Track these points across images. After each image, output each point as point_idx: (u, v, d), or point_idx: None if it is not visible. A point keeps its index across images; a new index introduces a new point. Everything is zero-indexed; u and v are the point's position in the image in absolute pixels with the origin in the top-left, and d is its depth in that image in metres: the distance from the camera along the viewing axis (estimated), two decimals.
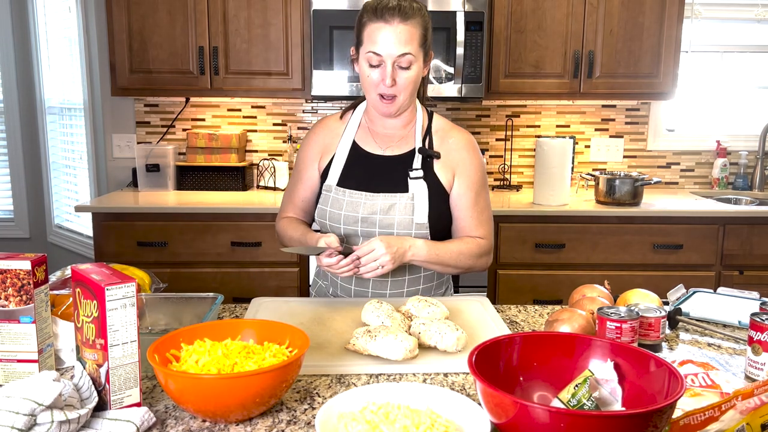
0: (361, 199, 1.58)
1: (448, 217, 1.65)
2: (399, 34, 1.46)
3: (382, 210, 1.56)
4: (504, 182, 3.50)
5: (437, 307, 1.37)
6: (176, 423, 0.98)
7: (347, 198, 1.59)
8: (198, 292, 1.39)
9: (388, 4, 1.47)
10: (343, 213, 1.59)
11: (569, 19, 3.06)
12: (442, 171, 1.61)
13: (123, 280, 0.96)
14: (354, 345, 1.23)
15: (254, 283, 2.90)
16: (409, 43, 1.47)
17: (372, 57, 1.49)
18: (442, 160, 1.61)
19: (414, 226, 1.57)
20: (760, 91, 3.60)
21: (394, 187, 1.58)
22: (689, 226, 2.93)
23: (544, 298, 2.95)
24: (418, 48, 1.50)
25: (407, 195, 1.57)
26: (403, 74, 1.50)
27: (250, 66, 3.05)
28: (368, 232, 1.58)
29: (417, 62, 1.51)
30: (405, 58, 1.48)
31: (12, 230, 3.88)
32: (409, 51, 1.47)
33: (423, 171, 1.59)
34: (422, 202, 1.57)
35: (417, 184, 1.58)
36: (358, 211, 1.57)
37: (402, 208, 1.56)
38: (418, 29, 1.49)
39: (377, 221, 1.56)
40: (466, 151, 1.63)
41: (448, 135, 1.65)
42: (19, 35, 3.71)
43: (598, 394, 0.95)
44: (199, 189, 3.27)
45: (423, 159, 1.60)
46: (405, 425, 0.87)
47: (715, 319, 1.46)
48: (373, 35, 1.48)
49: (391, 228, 1.56)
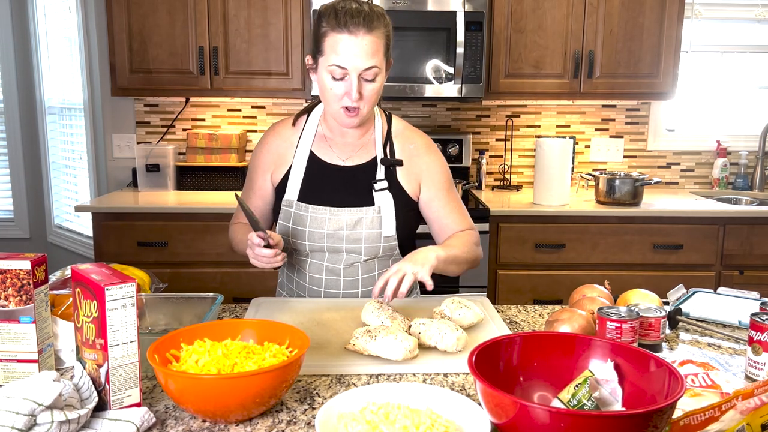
0: (326, 215, 1.54)
1: (414, 225, 1.63)
2: (365, 47, 1.39)
3: (349, 225, 1.53)
4: (504, 182, 3.50)
5: (469, 309, 1.36)
6: (176, 423, 0.98)
7: (310, 214, 1.54)
8: (198, 292, 1.39)
9: (349, 10, 1.40)
10: (307, 230, 1.54)
11: (569, 19, 3.06)
12: (406, 179, 1.59)
13: (123, 280, 0.96)
14: (354, 345, 1.23)
15: (254, 283, 2.90)
16: (375, 55, 1.41)
17: (336, 70, 1.41)
18: (405, 168, 1.59)
19: (382, 239, 1.55)
20: (760, 91, 3.60)
21: (358, 200, 1.55)
22: (689, 226, 2.93)
23: (544, 298, 2.95)
24: (382, 58, 1.44)
25: (373, 208, 1.54)
26: (368, 86, 1.44)
27: (250, 66, 3.05)
28: (335, 248, 1.55)
29: (381, 73, 1.45)
30: (371, 71, 1.42)
31: (12, 230, 3.88)
32: (375, 64, 1.41)
33: (387, 181, 1.56)
34: (389, 214, 1.54)
35: (382, 196, 1.55)
36: (324, 227, 1.53)
37: (369, 222, 1.54)
38: (383, 39, 1.43)
39: (344, 237, 1.54)
40: (428, 156, 1.60)
41: (409, 140, 1.61)
42: (19, 35, 3.71)
43: (598, 394, 0.95)
44: (199, 189, 3.27)
45: (386, 168, 1.57)
46: (405, 425, 0.87)
47: (715, 319, 1.46)
48: (336, 47, 1.40)
49: (359, 242, 1.54)
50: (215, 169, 3.26)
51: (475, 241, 1.59)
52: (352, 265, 1.59)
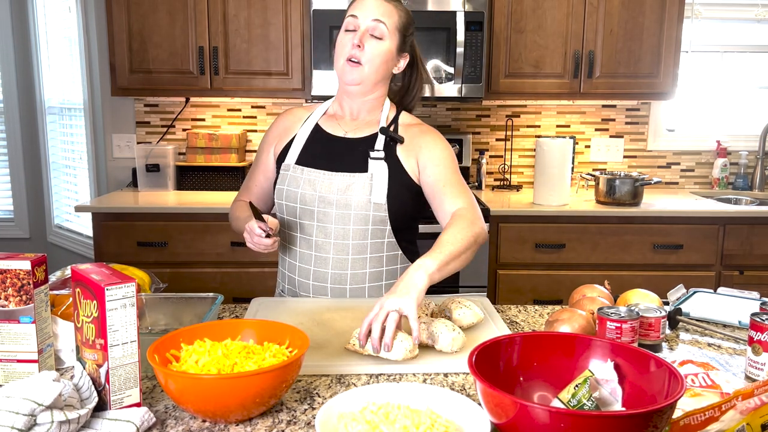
0: (319, 177, 1.57)
1: (411, 205, 1.60)
2: (379, 4, 1.54)
3: (340, 190, 1.55)
4: (504, 182, 3.50)
5: (469, 309, 1.35)
6: (176, 423, 0.98)
7: (305, 176, 1.58)
8: (198, 292, 1.39)
9: None
10: (299, 191, 1.57)
11: (569, 19, 3.07)
12: (405, 157, 1.59)
13: (123, 280, 0.96)
14: (354, 345, 1.22)
15: (254, 283, 2.90)
16: (386, 15, 1.54)
17: (349, 21, 1.55)
18: (405, 146, 1.60)
19: (372, 206, 1.54)
20: (760, 91, 3.60)
21: (353, 167, 1.57)
22: (689, 226, 2.93)
23: (544, 298, 2.95)
24: (394, 29, 1.55)
25: (366, 175, 1.56)
26: (372, 42, 1.53)
27: (250, 66, 3.05)
28: (324, 213, 1.56)
29: (389, 39, 1.55)
30: (378, 27, 1.53)
31: (12, 230, 3.88)
32: (383, 20, 1.53)
33: (384, 153, 1.58)
34: (381, 182, 1.55)
35: (377, 164, 1.56)
36: (316, 189, 1.56)
37: (359, 188, 1.55)
38: (397, 12, 1.56)
39: (334, 201, 1.55)
40: (430, 135, 1.62)
41: (413, 126, 1.65)
42: (19, 35, 3.71)
43: (598, 394, 0.95)
44: (199, 189, 3.27)
45: (385, 141, 1.59)
46: (405, 425, 0.87)
47: (715, 319, 1.46)
48: (355, 3, 1.56)
49: (348, 209, 1.54)
50: (215, 169, 3.26)
51: (471, 219, 1.45)
52: (342, 248, 1.56)
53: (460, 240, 1.39)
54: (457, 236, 1.39)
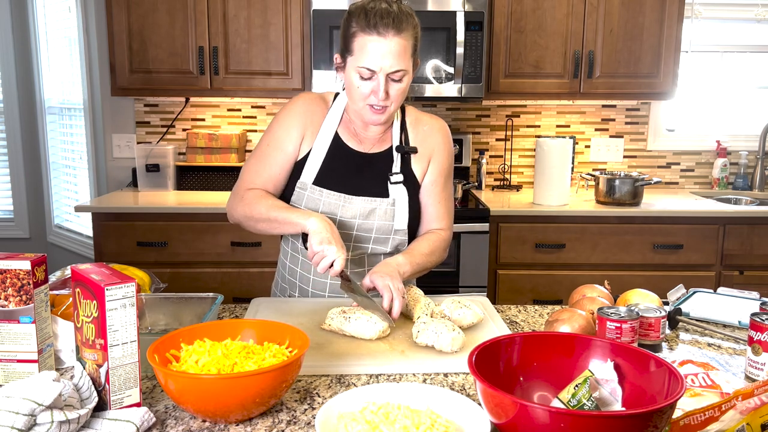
0: (340, 202, 1.53)
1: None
2: (393, 49, 1.40)
3: (362, 215, 1.53)
4: (504, 182, 3.50)
5: (469, 309, 1.36)
6: (176, 423, 0.98)
7: (324, 198, 1.53)
8: (198, 292, 1.39)
9: (379, 11, 1.40)
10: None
11: (569, 19, 3.06)
12: (418, 164, 1.60)
13: (123, 280, 0.96)
14: (330, 326, 1.29)
15: (254, 283, 2.90)
16: (403, 56, 1.42)
17: (364, 72, 1.42)
18: (419, 153, 1.60)
19: (393, 232, 1.55)
20: (760, 91, 3.60)
21: (373, 190, 1.55)
22: (689, 226, 2.93)
23: (544, 298, 2.95)
24: (410, 60, 1.45)
25: (388, 200, 1.54)
26: (395, 86, 1.45)
27: (250, 66, 3.05)
28: (345, 236, 1.53)
29: (408, 74, 1.46)
30: (399, 73, 1.43)
31: (12, 230, 3.88)
32: (402, 67, 1.42)
33: (402, 174, 1.56)
34: (403, 208, 1.55)
35: (397, 189, 1.56)
36: (336, 213, 1.53)
37: (382, 214, 1.54)
38: (411, 40, 1.44)
39: (356, 225, 1.54)
40: (441, 136, 1.62)
41: (421, 122, 1.63)
42: (19, 35, 3.71)
43: (598, 394, 0.95)
44: (199, 189, 3.27)
45: (402, 158, 1.58)
46: (405, 425, 0.87)
47: (715, 319, 1.46)
48: (365, 48, 1.40)
49: (369, 232, 1.54)
50: (215, 169, 3.26)
51: (444, 247, 1.61)
52: (356, 261, 1.58)
53: (432, 262, 1.56)
54: (430, 257, 1.55)
